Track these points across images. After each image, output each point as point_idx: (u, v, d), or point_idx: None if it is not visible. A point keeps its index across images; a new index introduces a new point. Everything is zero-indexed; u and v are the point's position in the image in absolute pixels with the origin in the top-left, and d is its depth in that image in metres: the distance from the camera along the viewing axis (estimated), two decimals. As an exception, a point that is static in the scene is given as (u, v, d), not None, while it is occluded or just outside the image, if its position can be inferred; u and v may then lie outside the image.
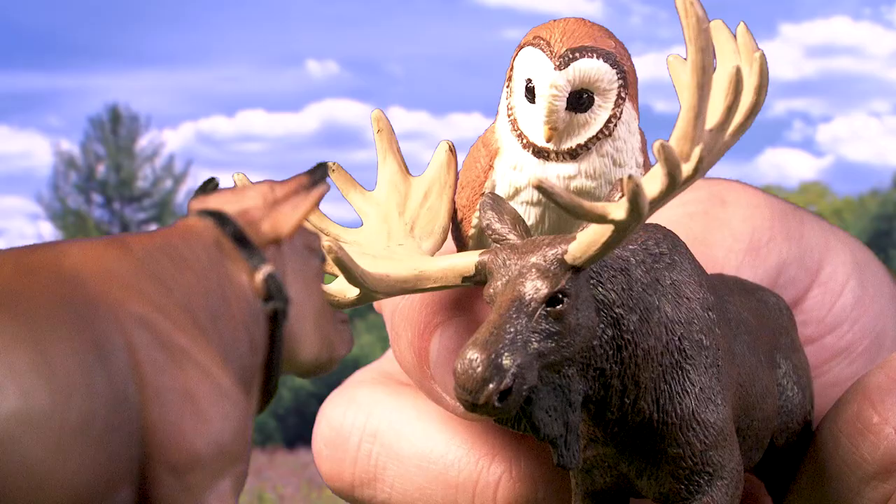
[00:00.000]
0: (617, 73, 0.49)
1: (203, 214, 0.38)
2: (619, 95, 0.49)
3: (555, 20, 0.50)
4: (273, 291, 0.38)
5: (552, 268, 0.45)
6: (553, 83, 0.48)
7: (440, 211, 0.51)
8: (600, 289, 0.46)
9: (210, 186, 0.40)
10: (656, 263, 0.48)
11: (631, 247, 0.47)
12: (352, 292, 0.48)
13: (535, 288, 0.44)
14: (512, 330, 0.43)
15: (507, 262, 0.46)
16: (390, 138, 0.51)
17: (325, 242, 0.44)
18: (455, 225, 0.52)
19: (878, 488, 0.52)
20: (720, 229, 0.58)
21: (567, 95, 0.48)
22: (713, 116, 0.44)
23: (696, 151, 0.43)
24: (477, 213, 0.50)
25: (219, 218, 0.38)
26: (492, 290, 0.45)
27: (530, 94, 0.49)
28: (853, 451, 0.52)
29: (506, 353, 0.43)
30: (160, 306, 0.35)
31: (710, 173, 0.62)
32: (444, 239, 0.51)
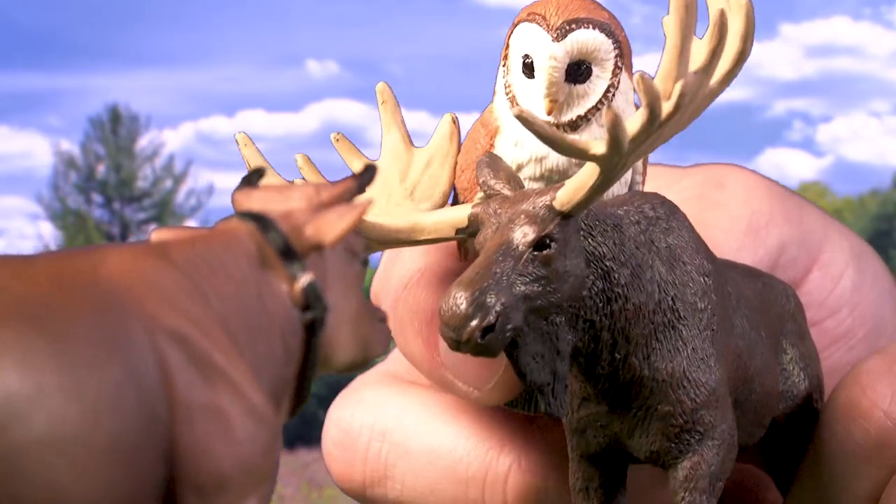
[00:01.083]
0: (613, 43, 0.49)
1: (246, 217, 0.37)
2: (615, 65, 0.49)
3: None
4: (312, 301, 0.37)
5: (541, 213, 0.45)
6: (552, 55, 0.48)
7: (441, 177, 0.51)
8: (591, 241, 0.46)
9: (255, 178, 0.40)
10: (652, 226, 0.48)
11: (625, 207, 0.48)
12: None
13: (523, 233, 0.45)
14: (498, 271, 0.44)
15: (498, 211, 0.46)
16: (394, 110, 0.52)
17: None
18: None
19: (873, 475, 0.52)
20: (718, 211, 0.59)
21: (566, 67, 0.49)
22: (698, 59, 0.45)
23: (678, 88, 0.43)
24: (479, 195, 0.50)
25: (262, 222, 0.37)
26: (482, 238, 0.46)
27: (528, 69, 0.49)
28: (847, 437, 0.52)
29: (490, 292, 0.43)
30: (196, 320, 0.34)
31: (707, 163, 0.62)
32: (445, 202, 0.51)
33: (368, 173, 0.39)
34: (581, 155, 0.44)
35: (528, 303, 0.44)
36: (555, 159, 0.49)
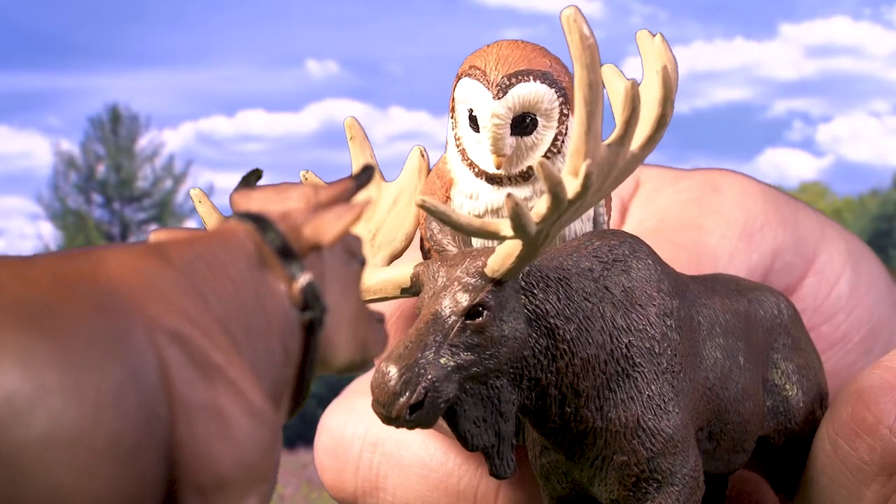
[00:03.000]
0: (556, 92, 0.49)
1: (245, 218, 0.38)
2: (561, 112, 0.49)
3: (488, 45, 0.50)
4: (310, 301, 0.37)
5: (473, 281, 0.45)
6: (494, 113, 0.48)
7: (407, 217, 0.51)
8: (532, 299, 0.46)
9: (253, 179, 0.40)
10: (607, 271, 0.48)
11: (576, 255, 0.48)
12: None
13: (455, 301, 0.45)
14: (428, 343, 0.44)
15: (436, 275, 0.46)
16: (363, 145, 0.52)
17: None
18: (423, 255, 0.52)
19: (878, 491, 0.51)
20: (713, 215, 0.59)
21: (510, 122, 0.48)
22: (614, 132, 0.45)
23: (583, 168, 0.43)
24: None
25: (260, 223, 0.37)
26: (419, 303, 0.46)
27: (474, 123, 0.49)
28: (851, 453, 0.52)
29: (419, 367, 0.43)
30: (196, 321, 0.34)
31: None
32: (406, 246, 0.51)
33: (366, 173, 0.40)
34: (493, 238, 0.44)
35: (461, 372, 0.44)
36: None
